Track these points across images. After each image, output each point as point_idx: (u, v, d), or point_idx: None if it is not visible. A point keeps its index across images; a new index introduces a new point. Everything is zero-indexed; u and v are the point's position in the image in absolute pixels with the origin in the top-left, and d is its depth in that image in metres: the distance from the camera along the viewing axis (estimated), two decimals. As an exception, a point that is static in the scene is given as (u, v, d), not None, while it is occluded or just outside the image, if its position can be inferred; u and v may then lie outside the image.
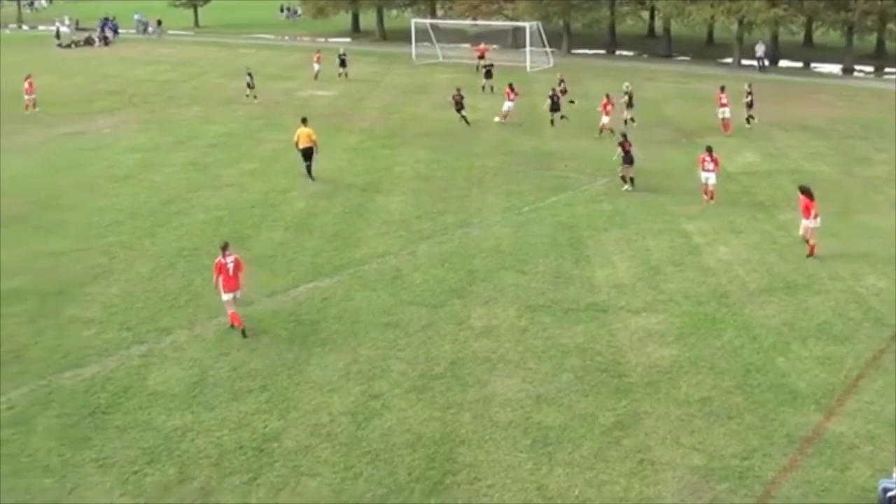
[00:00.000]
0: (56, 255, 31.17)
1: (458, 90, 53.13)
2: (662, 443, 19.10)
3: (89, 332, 25.11)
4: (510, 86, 53.71)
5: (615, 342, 23.74)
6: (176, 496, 17.70)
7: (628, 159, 37.78)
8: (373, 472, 18.30)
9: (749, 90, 50.57)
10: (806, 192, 29.55)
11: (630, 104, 50.80)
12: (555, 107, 51.41)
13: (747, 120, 50.05)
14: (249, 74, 63.19)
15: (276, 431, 19.87)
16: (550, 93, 52.11)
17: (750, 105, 50.14)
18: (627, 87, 51.37)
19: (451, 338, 24.18)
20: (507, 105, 52.84)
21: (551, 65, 74.70)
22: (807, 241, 29.73)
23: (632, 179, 37.95)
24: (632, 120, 50.04)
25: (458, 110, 52.35)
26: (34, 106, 59.16)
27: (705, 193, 35.98)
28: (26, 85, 59.72)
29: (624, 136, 38.36)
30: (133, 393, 21.66)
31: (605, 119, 47.96)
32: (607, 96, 48.67)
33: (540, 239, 31.83)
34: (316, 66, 71.74)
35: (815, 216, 29.30)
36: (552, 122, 51.24)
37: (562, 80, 55.41)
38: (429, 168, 42.47)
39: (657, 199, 36.29)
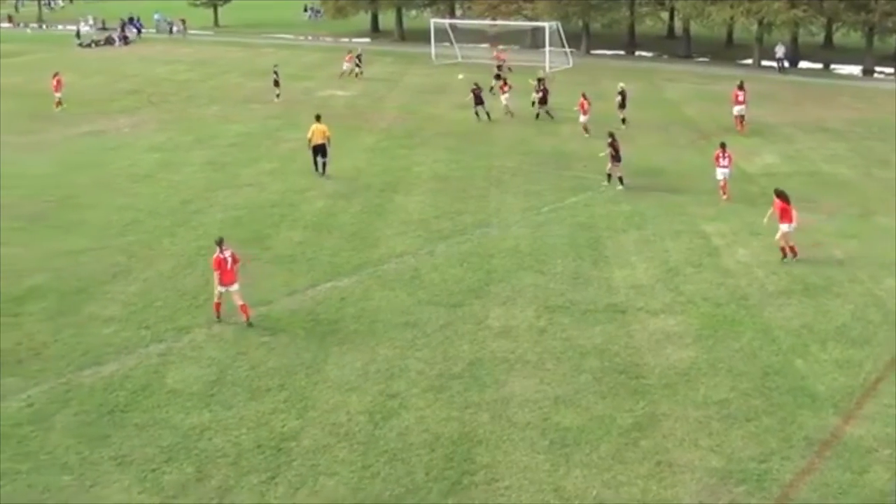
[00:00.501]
0: (76, 254, 31.32)
1: (477, 84, 53.63)
2: (680, 445, 19.07)
3: (108, 330, 25.23)
4: (504, 80, 54.90)
5: (633, 343, 23.72)
6: (194, 494, 17.76)
7: (616, 158, 37.80)
8: (390, 472, 18.32)
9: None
10: (782, 195, 29.08)
11: (623, 105, 50.83)
12: (543, 100, 52.91)
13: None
14: (276, 72, 63.20)
15: (294, 430, 19.92)
16: (542, 86, 53.56)
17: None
18: (621, 87, 51.41)
19: (470, 338, 24.19)
20: (504, 98, 53.82)
21: (570, 65, 74.64)
22: (785, 248, 29.25)
23: (620, 178, 38.05)
24: (622, 121, 50.07)
25: (477, 104, 52.85)
26: (59, 104, 59.49)
27: (723, 191, 36.03)
28: (54, 82, 60.12)
29: (611, 134, 38.28)
30: (151, 391, 21.76)
31: (582, 118, 48.28)
32: (583, 95, 48.85)
33: (559, 239, 31.81)
34: (345, 66, 72.27)
35: (790, 220, 28.83)
36: (537, 115, 52.82)
37: (542, 80, 55.59)
38: (447, 168, 42.49)
39: (676, 199, 36.22)
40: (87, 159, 45.72)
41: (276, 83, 62.17)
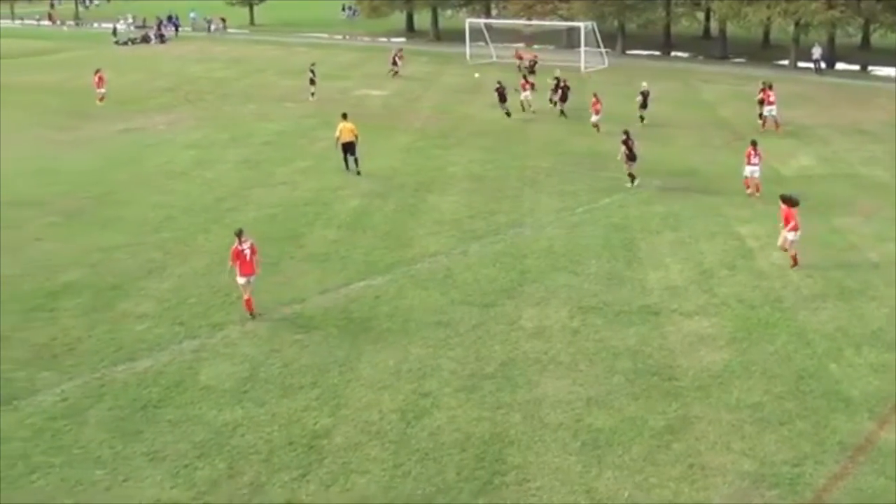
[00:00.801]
0: (111, 250, 31.55)
1: (500, 83, 54.52)
2: (713, 448, 18.98)
3: (142, 326, 25.38)
4: (525, 78, 56.84)
5: (667, 345, 23.61)
6: (226, 491, 17.83)
7: (631, 156, 37.87)
8: (422, 471, 18.33)
9: (763, 87, 50.87)
10: (788, 200, 28.68)
11: (644, 105, 51.36)
12: (563, 98, 53.79)
13: (760, 116, 50.65)
14: (312, 71, 63.35)
15: (326, 428, 19.96)
16: (563, 84, 54.52)
17: (761, 103, 50.71)
18: (644, 87, 51.82)
19: (502, 338, 24.16)
20: (523, 95, 55.16)
21: (606, 65, 74.45)
22: (796, 255, 28.71)
23: (631, 175, 38.32)
24: (640, 119, 50.81)
25: (501, 101, 53.76)
26: (101, 100, 60.33)
27: (748, 187, 36.37)
28: (96, 79, 60.90)
29: (626, 133, 38.41)
30: (184, 387, 21.87)
31: (594, 117, 49.01)
32: (595, 95, 49.64)
33: (593, 240, 31.72)
34: (400, 64, 73.47)
35: (795, 228, 28.36)
36: (562, 112, 53.64)
37: (559, 78, 56.02)
38: (482, 168, 42.47)
39: (710, 201, 36.04)
40: (124, 156, 46.06)
41: (312, 82, 62.30)
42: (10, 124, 54.28)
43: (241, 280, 25.56)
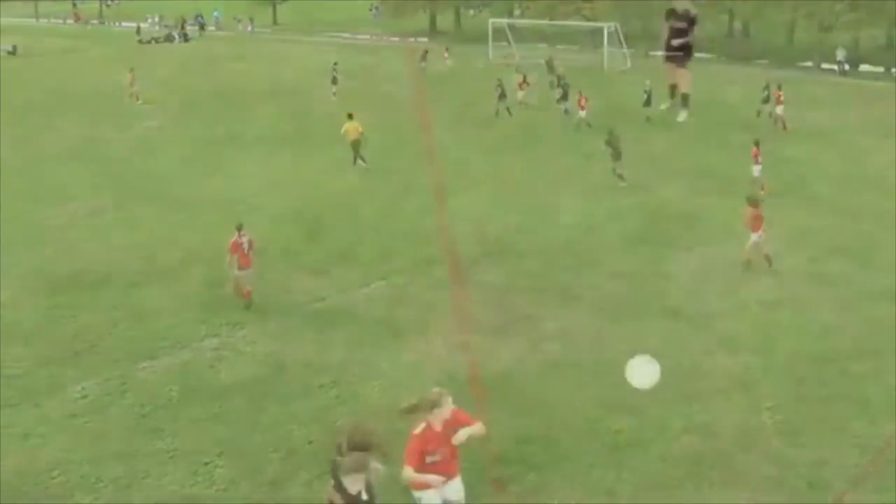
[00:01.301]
0: (133, 248, 31.66)
1: (500, 80, 55.86)
2: (732, 450, 18.89)
3: (164, 324, 25.46)
4: (524, 77, 59.13)
5: (687, 347, 23.52)
6: (245, 488, 17.85)
7: (616, 155, 38.07)
8: (440, 470, 18.28)
9: (767, 86, 52.29)
10: (754, 202, 28.57)
11: (648, 103, 51.85)
12: (564, 95, 54.70)
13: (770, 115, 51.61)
14: (335, 70, 63.53)
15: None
16: (562, 81, 56.09)
17: (766, 101, 52.10)
18: (648, 85, 52.30)
19: (524, 338, 24.11)
20: (520, 95, 57.62)
21: (629, 66, 74.32)
22: (751, 260, 28.63)
23: (620, 175, 38.51)
24: (647, 119, 51.22)
25: (500, 99, 54.99)
26: (137, 98, 61.09)
27: (762, 189, 36.10)
28: (130, 77, 61.78)
29: (610, 132, 38.80)
30: (206, 385, 21.91)
31: (581, 113, 50.17)
32: (580, 93, 50.70)
33: (615, 240, 31.68)
34: (448, 62, 74.72)
35: (756, 230, 28.20)
36: (566, 111, 54.09)
37: (560, 76, 56.71)
38: (504, 167, 42.48)
39: (731, 202, 35.72)
40: (145, 152, 46.23)
41: (335, 80, 62.46)
42: (35, 120, 54.67)
43: (238, 273, 25.93)
